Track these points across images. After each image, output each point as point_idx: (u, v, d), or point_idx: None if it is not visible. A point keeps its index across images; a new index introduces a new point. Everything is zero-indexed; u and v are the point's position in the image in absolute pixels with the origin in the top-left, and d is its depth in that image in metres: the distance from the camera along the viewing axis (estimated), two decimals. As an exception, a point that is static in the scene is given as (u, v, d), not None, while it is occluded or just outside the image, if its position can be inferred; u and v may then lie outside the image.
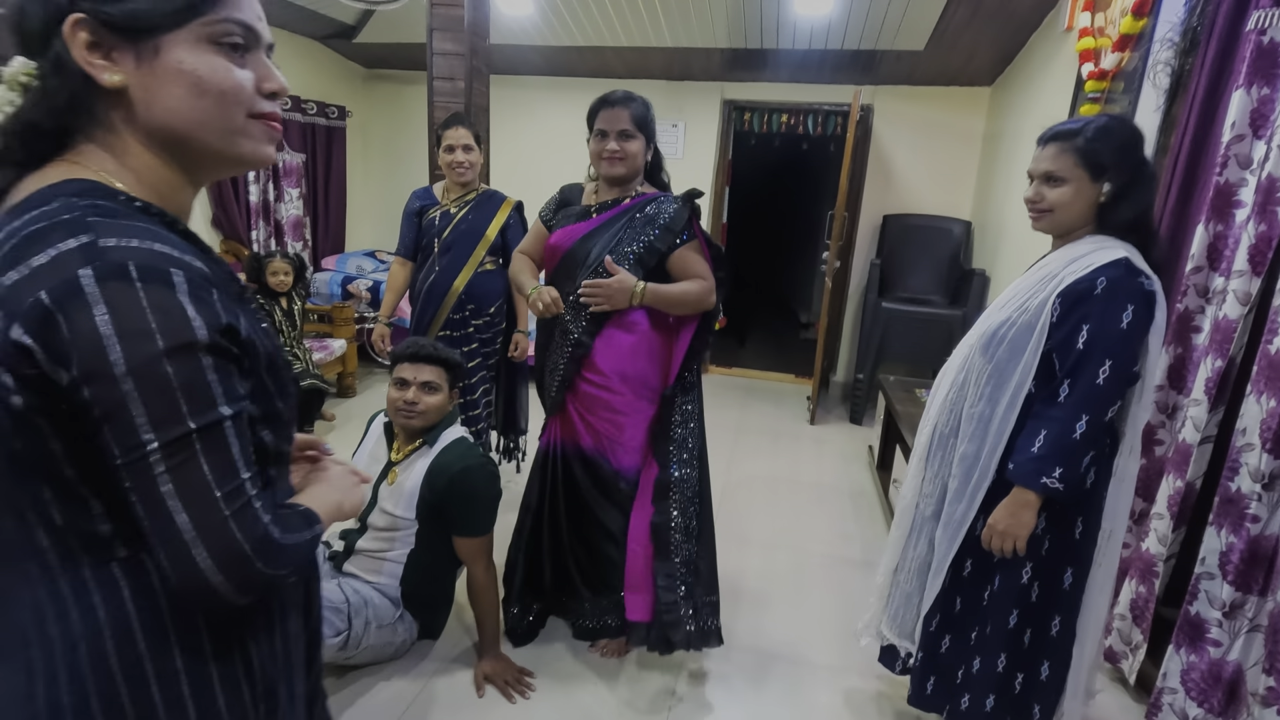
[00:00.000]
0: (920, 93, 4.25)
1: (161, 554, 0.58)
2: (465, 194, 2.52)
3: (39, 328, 0.53)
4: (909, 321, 3.80)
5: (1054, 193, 1.32)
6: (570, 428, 1.83)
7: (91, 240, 0.54)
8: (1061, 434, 1.27)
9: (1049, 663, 1.41)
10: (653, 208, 1.74)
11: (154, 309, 0.55)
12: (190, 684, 0.64)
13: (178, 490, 0.57)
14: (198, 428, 0.58)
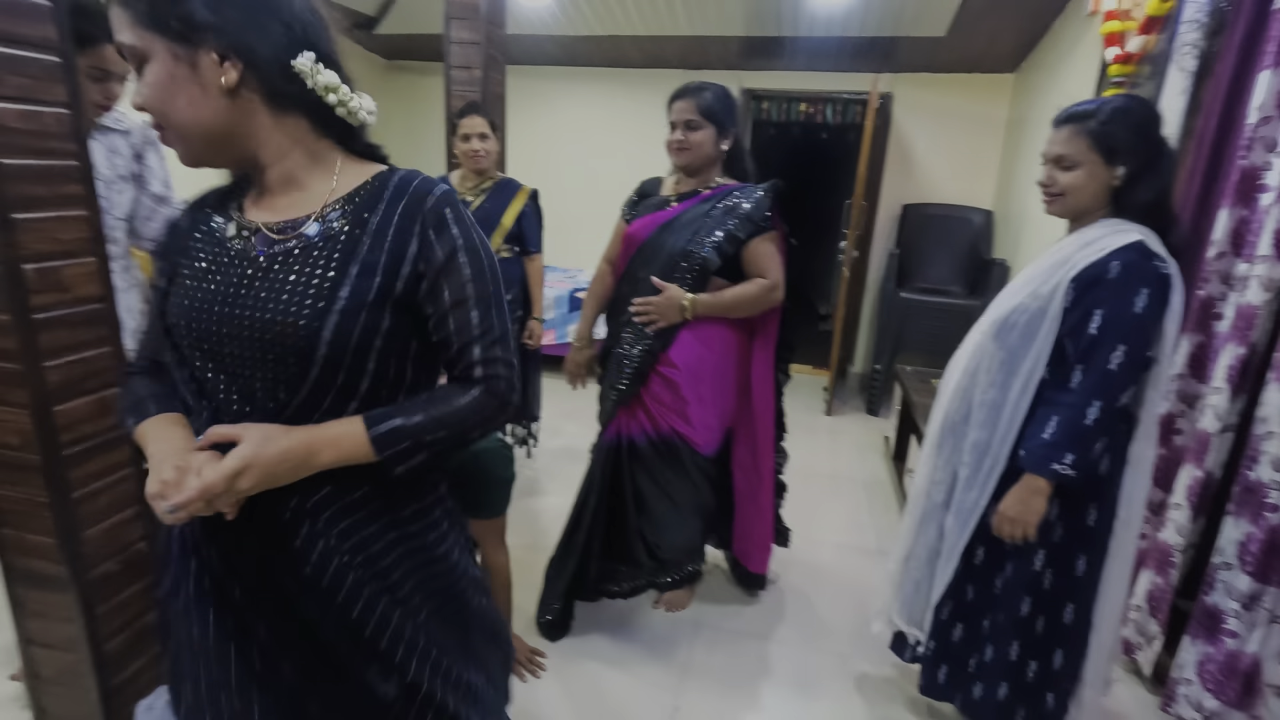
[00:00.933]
0: (941, 80, 4.19)
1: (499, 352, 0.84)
2: (482, 182, 2.54)
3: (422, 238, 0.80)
4: (927, 312, 3.76)
5: (1066, 176, 1.30)
6: (643, 418, 1.86)
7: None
8: (1073, 420, 1.26)
9: (1062, 651, 1.40)
10: (733, 198, 1.75)
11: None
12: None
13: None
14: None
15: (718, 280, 1.78)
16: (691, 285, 1.77)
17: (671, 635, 2.00)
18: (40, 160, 1.14)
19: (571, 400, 3.92)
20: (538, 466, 3.05)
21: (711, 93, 1.73)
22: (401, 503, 0.84)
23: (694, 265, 1.75)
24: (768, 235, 1.76)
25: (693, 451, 1.86)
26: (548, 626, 1.97)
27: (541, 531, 2.53)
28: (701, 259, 1.74)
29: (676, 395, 1.82)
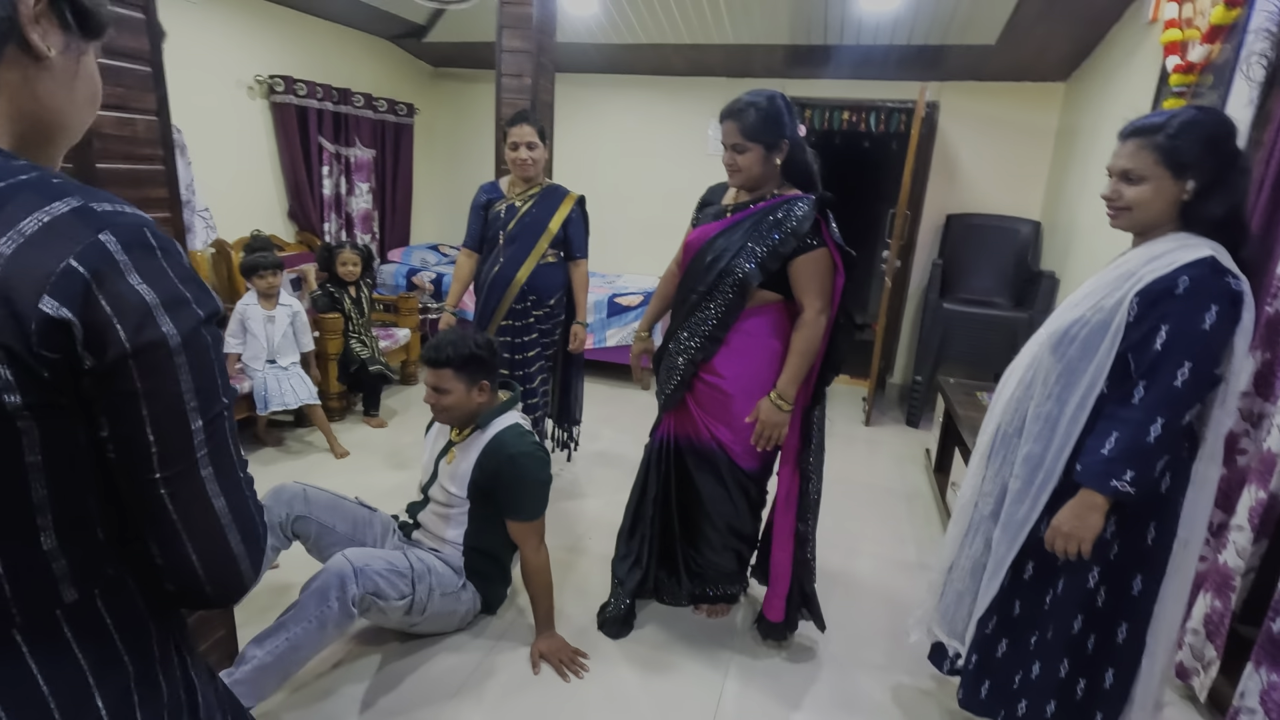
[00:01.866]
0: (989, 88, 4.13)
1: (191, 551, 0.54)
2: (530, 188, 2.59)
3: (79, 300, 0.46)
4: (971, 323, 3.70)
5: (1132, 191, 1.28)
6: (690, 422, 1.88)
7: (84, 203, 0.49)
8: (1134, 436, 1.24)
9: (1114, 670, 1.38)
10: (782, 210, 1.71)
11: (180, 279, 0.52)
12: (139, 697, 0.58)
13: (217, 473, 0.54)
14: (226, 405, 0.55)
15: (762, 293, 1.77)
16: (732, 301, 1.76)
17: (713, 641, 2.01)
18: (131, 165, 1.20)
19: (610, 405, 3.96)
20: (577, 470, 3.08)
21: (755, 112, 1.67)
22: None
23: (734, 282, 1.74)
24: (814, 252, 1.71)
25: (732, 463, 1.87)
26: (611, 623, 2.00)
27: (580, 534, 2.55)
28: (741, 277, 1.73)
29: (721, 404, 1.83)
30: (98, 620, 0.54)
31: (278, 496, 1.85)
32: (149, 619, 0.58)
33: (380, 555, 1.70)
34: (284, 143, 3.91)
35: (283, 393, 2.94)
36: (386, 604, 1.66)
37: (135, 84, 1.19)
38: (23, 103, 0.56)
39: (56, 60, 0.56)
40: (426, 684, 1.76)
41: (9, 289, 0.45)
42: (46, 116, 0.57)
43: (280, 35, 3.86)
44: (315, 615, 1.55)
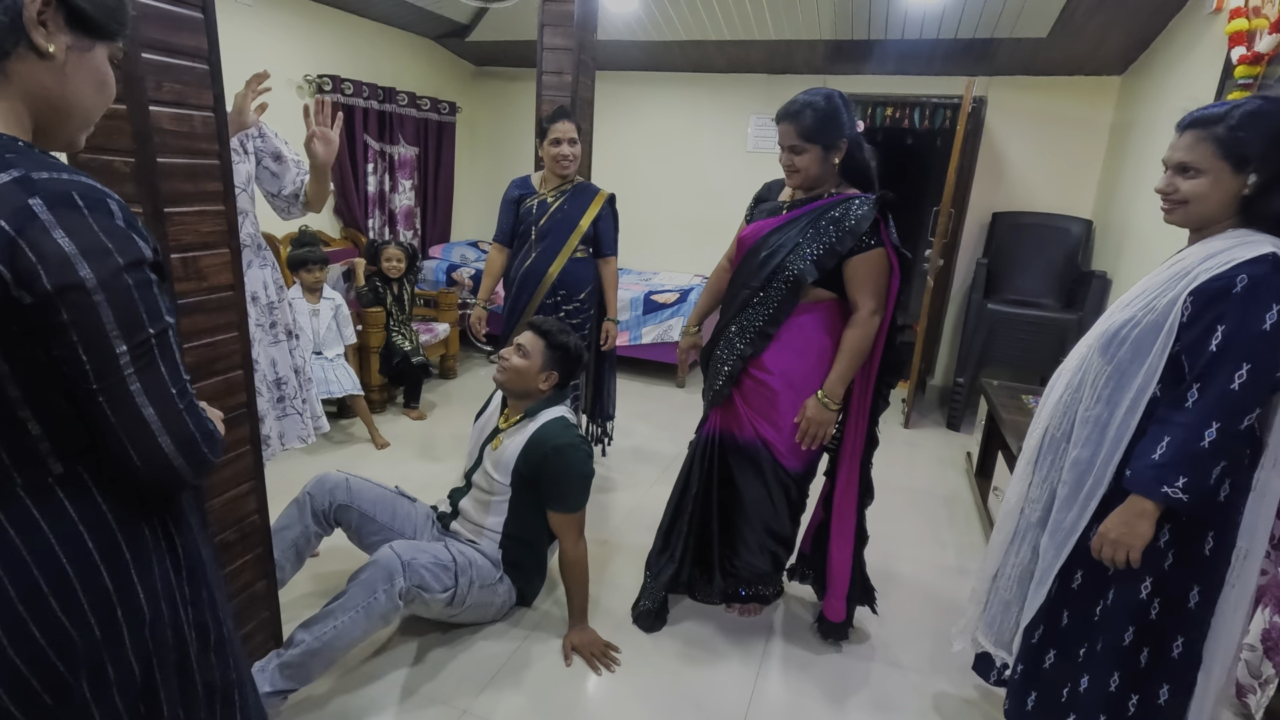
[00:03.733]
0: (1040, 83, 4.01)
1: (129, 447, 0.67)
2: (562, 185, 2.61)
3: (5, 253, 0.59)
4: (1016, 325, 3.60)
5: (1188, 184, 1.23)
6: (736, 419, 1.87)
7: (24, 174, 0.60)
8: (1187, 441, 1.19)
9: (1169, 686, 1.32)
10: (841, 209, 1.70)
11: (104, 231, 0.63)
12: (139, 576, 0.74)
13: (145, 388, 0.67)
14: (155, 333, 0.67)
15: (816, 291, 1.75)
16: (785, 298, 1.75)
17: (747, 640, 2.00)
18: (189, 159, 1.25)
19: (646, 402, 3.97)
20: (610, 465, 3.09)
21: (812, 112, 1.65)
22: None
23: (788, 279, 1.73)
24: (872, 252, 1.69)
25: (775, 462, 1.85)
26: (645, 616, 2.02)
27: (613, 528, 2.57)
28: (795, 274, 1.72)
29: (768, 400, 1.82)
30: (83, 487, 0.70)
31: (321, 485, 1.90)
32: (129, 491, 0.73)
33: (425, 549, 1.74)
34: (331, 141, 4.01)
35: (328, 383, 3.02)
36: (430, 596, 1.69)
37: (193, 81, 1.23)
38: (33, 94, 0.68)
39: (61, 57, 0.67)
40: (464, 672, 1.79)
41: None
42: (56, 105, 0.69)
43: (328, 35, 3.96)
44: (362, 605, 1.59)
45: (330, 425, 3.33)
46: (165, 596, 0.76)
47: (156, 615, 0.75)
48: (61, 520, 0.68)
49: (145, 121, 1.16)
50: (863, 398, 1.83)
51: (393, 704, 1.67)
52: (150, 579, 0.74)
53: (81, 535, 0.69)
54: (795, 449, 1.82)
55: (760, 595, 2.05)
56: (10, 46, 0.65)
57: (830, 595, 1.93)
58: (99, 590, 0.70)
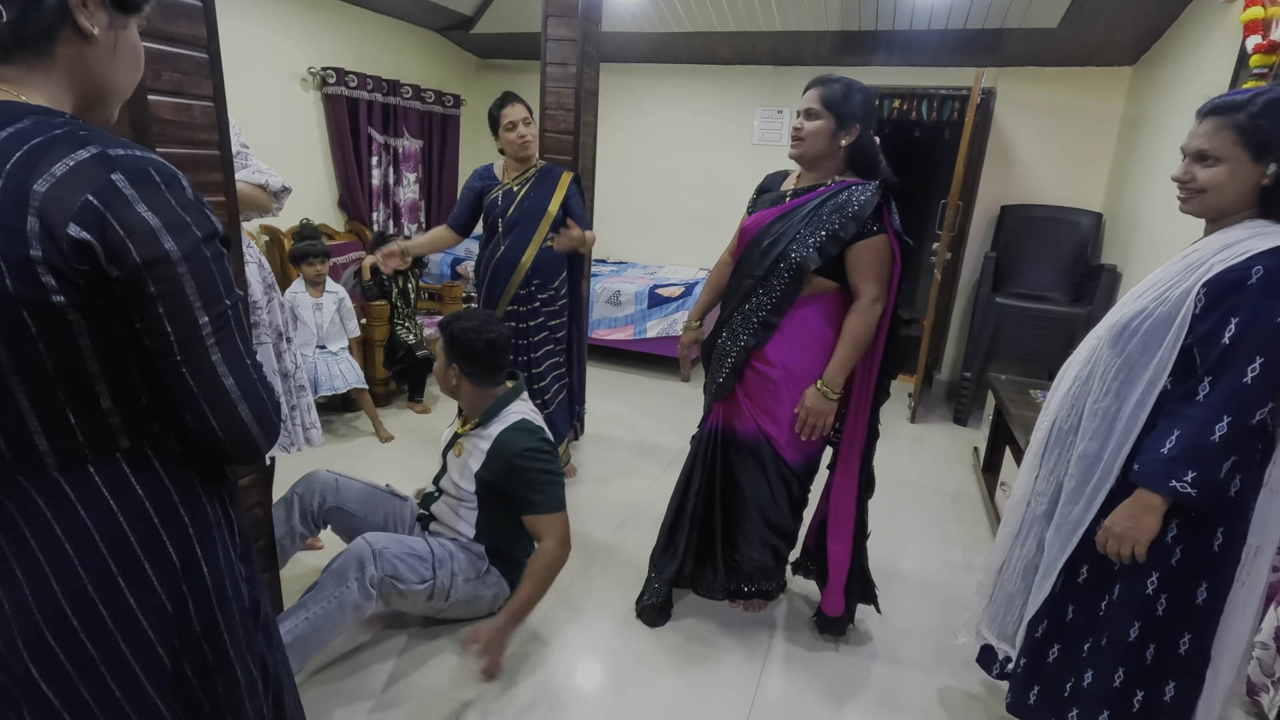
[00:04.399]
0: (1050, 74, 3.96)
1: (211, 416, 0.68)
2: (525, 171, 2.58)
3: (96, 227, 0.59)
4: (1025, 319, 3.57)
5: (1206, 173, 1.20)
6: (735, 413, 1.86)
7: (102, 150, 0.61)
8: (1197, 435, 1.17)
9: (1175, 684, 1.31)
10: (844, 195, 1.68)
11: (180, 205, 0.64)
12: (202, 549, 0.75)
13: (225, 359, 0.68)
14: (230, 305, 0.69)
15: (819, 280, 1.74)
16: (788, 287, 1.74)
17: (750, 636, 1.99)
18: (189, 150, 1.24)
19: (651, 396, 3.96)
20: (616, 460, 3.08)
21: (841, 85, 1.65)
22: None
23: (791, 267, 1.71)
24: (875, 239, 1.67)
25: (776, 456, 1.84)
26: (649, 611, 2.01)
27: (616, 524, 2.56)
28: (798, 262, 1.70)
29: (770, 393, 1.80)
30: (147, 462, 0.70)
31: (310, 485, 1.87)
32: (190, 467, 0.74)
33: (401, 540, 1.72)
34: (335, 133, 4.00)
35: (332, 377, 3.02)
36: (406, 587, 1.67)
37: (193, 70, 1.22)
38: (78, 74, 0.69)
39: (102, 36, 0.68)
40: (464, 665, 1.79)
41: (47, 217, 0.58)
42: (99, 83, 0.71)
43: (332, 28, 3.95)
44: (334, 596, 1.57)
45: (335, 418, 3.34)
46: (226, 569, 0.78)
47: (219, 586, 0.76)
48: (128, 494, 0.69)
49: (144, 111, 1.15)
50: (864, 389, 1.80)
51: (392, 696, 1.68)
52: (213, 552, 0.76)
53: (147, 509, 0.70)
54: (796, 442, 1.81)
55: (764, 591, 2.04)
56: (57, 31, 0.66)
57: (828, 589, 1.91)
58: (164, 562, 0.71)
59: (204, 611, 0.75)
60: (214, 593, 0.76)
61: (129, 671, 0.70)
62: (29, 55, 0.65)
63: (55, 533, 0.66)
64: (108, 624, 0.69)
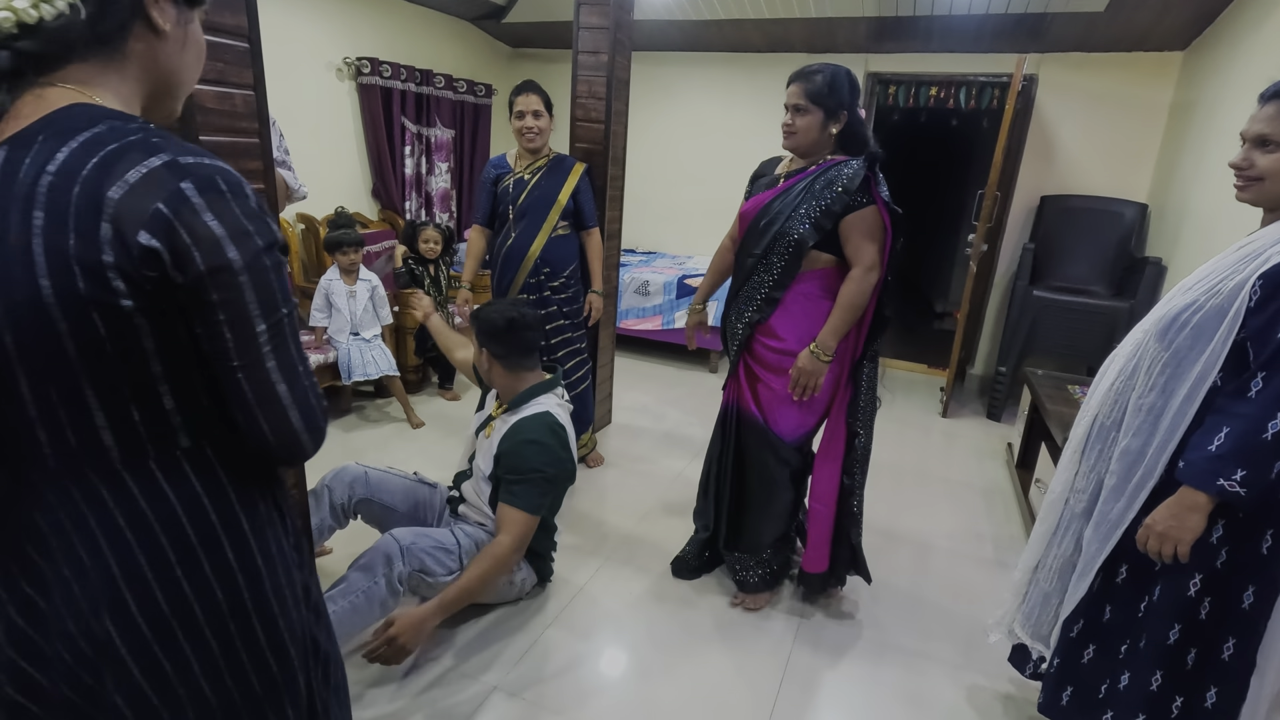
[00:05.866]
0: (1096, 60, 3.84)
1: (262, 421, 0.70)
2: (536, 160, 2.59)
3: (165, 234, 0.60)
4: (1064, 312, 3.48)
5: (1267, 159, 1.16)
6: (740, 389, 1.93)
7: (173, 158, 0.62)
8: (1248, 432, 1.12)
9: (1217, 690, 1.27)
10: (834, 172, 1.75)
11: (244, 214, 0.65)
12: (255, 541, 0.77)
13: (279, 365, 0.69)
14: (286, 313, 0.70)
15: (817, 255, 1.80)
16: (788, 263, 1.80)
17: (776, 626, 1.98)
18: (230, 138, 1.27)
19: (678, 388, 3.95)
20: (643, 450, 3.09)
21: (822, 76, 1.71)
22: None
23: (789, 244, 1.77)
24: (864, 210, 1.72)
25: (774, 435, 1.89)
26: (678, 563, 2.17)
27: (644, 513, 2.57)
28: (795, 238, 1.76)
29: (782, 366, 1.85)
30: (206, 460, 0.72)
31: (340, 478, 1.90)
32: (247, 465, 0.76)
33: (427, 533, 1.75)
34: (369, 123, 4.05)
35: (365, 364, 3.07)
36: (435, 580, 1.70)
37: (234, 60, 1.24)
38: (149, 69, 0.70)
39: (172, 31, 0.70)
40: (494, 649, 1.81)
41: (119, 224, 0.59)
42: (168, 78, 0.72)
43: (367, 18, 3.99)
44: (362, 591, 1.60)
45: (367, 404, 3.40)
46: (279, 558, 0.81)
47: (272, 574, 0.79)
48: (186, 491, 0.71)
49: (188, 100, 1.17)
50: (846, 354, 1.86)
51: (421, 677, 1.71)
52: (266, 544, 0.78)
53: (204, 504, 0.72)
54: (792, 421, 1.87)
55: (765, 578, 2.04)
56: (130, 26, 0.67)
57: (809, 547, 1.96)
58: (219, 553, 0.74)
59: (258, 599, 0.78)
60: (267, 580, 0.78)
61: (182, 656, 0.73)
62: (103, 52, 0.66)
63: (118, 522, 0.68)
64: (164, 609, 0.71)
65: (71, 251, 0.59)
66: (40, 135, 0.60)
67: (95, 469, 0.67)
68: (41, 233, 0.59)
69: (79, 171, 0.59)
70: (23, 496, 0.67)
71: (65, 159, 0.59)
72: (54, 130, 0.61)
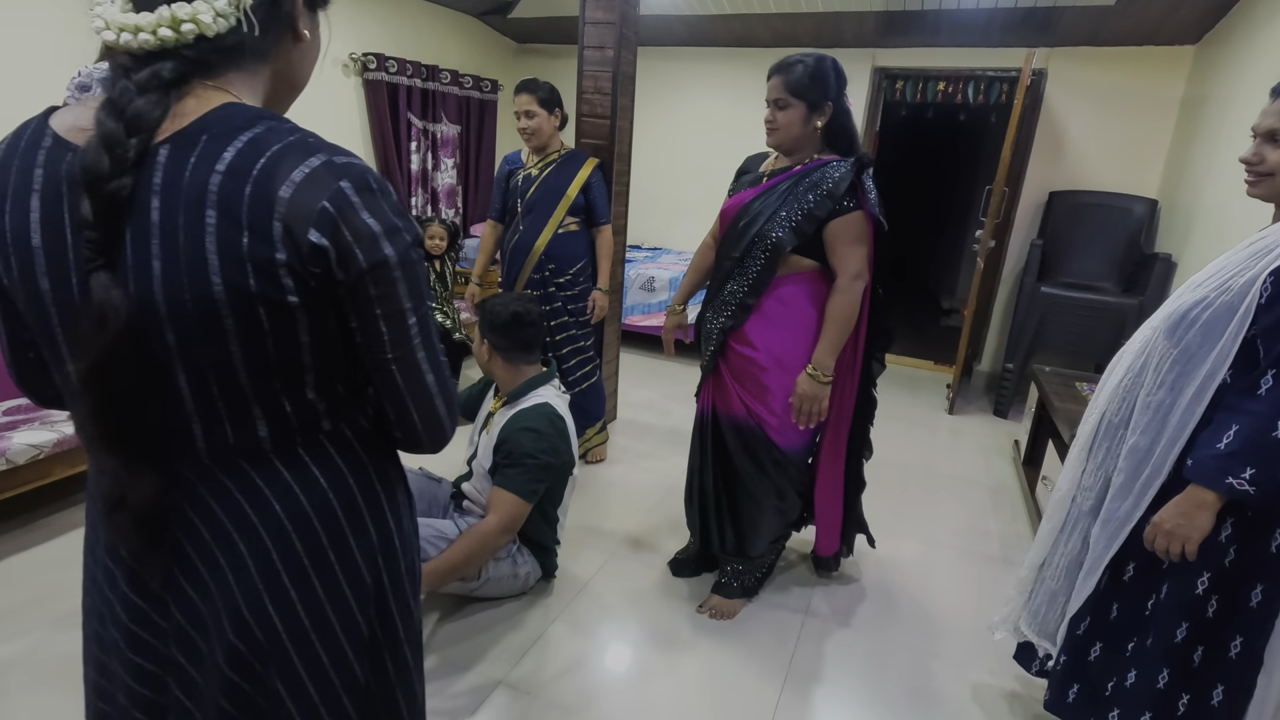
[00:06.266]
0: (1106, 54, 3.80)
1: (413, 409, 0.73)
2: (547, 156, 2.58)
3: (331, 231, 0.62)
4: (1072, 309, 3.46)
5: (1278, 154, 1.14)
6: (724, 395, 1.85)
7: (329, 158, 0.63)
8: (1258, 430, 1.12)
9: (1224, 687, 1.26)
10: (819, 173, 1.67)
11: (393, 212, 0.67)
12: (393, 517, 0.80)
13: (427, 356, 0.72)
14: (430, 306, 0.73)
15: (797, 260, 1.72)
16: (765, 267, 1.73)
17: (782, 623, 1.98)
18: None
19: (680, 384, 3.94)
20: (649, 447, 3.09)
21: (804, 67, 1.63)
22: None
23: (767, 246, 1.70)
24: (850, 215, 1.65)
25: (768, 440, 1.81)
26: (675, 562, 2.18)
27: (649, 508, 2.57)
28: (773, 241, 1.69)
29: (756, 380, 1.79)
30: (347, 443, 0.75)
31: None
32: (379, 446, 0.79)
33: (430, 523, 1.75)
34: (375, 119, 4.06)
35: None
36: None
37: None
38: (284, 72, 0.73)
39: (310, 38, 0.74)
40: (499, 643, 1.82)
41: (290, 222, 0.61)
42: (295, 79, 0.76)
43: (373, 13, 3.99)
44: None
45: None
46: (413, 539, 0.85)
47: (407, 554, 0.82)
48: (331, 469, 0.74)
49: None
50: (850, 363, 1.82)
51: (425, 672, 1.71)
52: (399, 516, 0.82)
53: (350, 485, 0.75)
54: (789, 428, 1.80)
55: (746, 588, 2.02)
56: (281, 36, 0.70)
57: (820, 532, 2.03)
58: (365, 535, 0.77)
59: (396, 582, 0.81)
60: (403, 561, 0.81)
61: (334, 639, 0.76)
62: (256, 61, 0.68)
63: (274, 509, 0.70)
64: (319, 594, 0.74)
65: (245, 250, 0.60)
66: (203, 135, 0.61)
67: (248, 458, 0.69)
68: (215, 232, 0.59)
69: (249, 171, 0.60)
70: (173, 490, 0.69)
71: (233, 159, 0.60)
72: (216, 130, 0.61)
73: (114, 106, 0.59)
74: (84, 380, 0.61)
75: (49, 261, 0.62)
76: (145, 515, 0.66)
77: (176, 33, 0.61)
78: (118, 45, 0.61)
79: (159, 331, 0.61)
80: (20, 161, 0.63)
